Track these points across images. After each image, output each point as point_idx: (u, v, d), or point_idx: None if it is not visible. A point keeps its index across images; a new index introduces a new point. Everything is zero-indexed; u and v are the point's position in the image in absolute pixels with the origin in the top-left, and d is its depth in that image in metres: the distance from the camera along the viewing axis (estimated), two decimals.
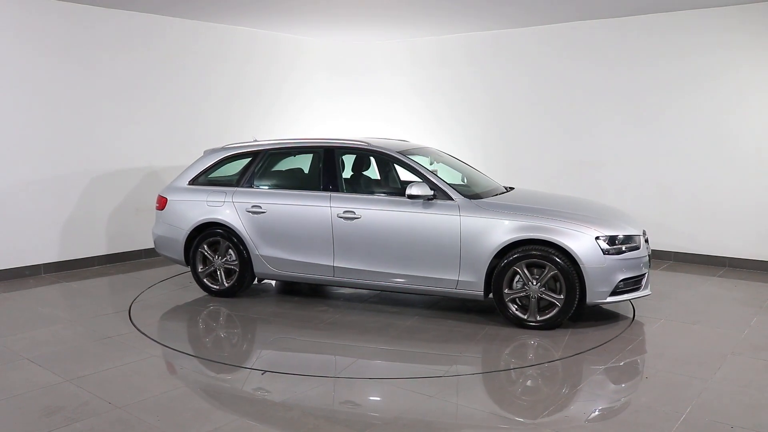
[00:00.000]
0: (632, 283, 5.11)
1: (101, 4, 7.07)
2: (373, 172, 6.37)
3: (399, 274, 5.44)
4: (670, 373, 4.26)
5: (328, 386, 4.09)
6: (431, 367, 4.44)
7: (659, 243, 7.60)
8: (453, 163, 6.37)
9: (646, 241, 5.37)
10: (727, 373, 4.25)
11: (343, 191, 5.73)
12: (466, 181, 6.10)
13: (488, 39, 8.87)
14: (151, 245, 7.92)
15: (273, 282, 6.71)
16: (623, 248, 5.02)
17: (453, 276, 5.24)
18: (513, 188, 6.19)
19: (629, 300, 5.37)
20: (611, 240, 5.00)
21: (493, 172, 7.94)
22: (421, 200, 5.34)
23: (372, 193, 5.83)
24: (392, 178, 6.58)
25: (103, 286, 6.72)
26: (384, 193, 5.86)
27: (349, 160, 6.17)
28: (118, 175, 7.62)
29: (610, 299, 5.01)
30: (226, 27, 8.50)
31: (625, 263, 5.01)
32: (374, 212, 5.50)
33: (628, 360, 4.51)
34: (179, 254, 6.23)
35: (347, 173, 6.16)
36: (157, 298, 6.20)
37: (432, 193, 5.31)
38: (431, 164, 6.11)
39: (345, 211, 5.57)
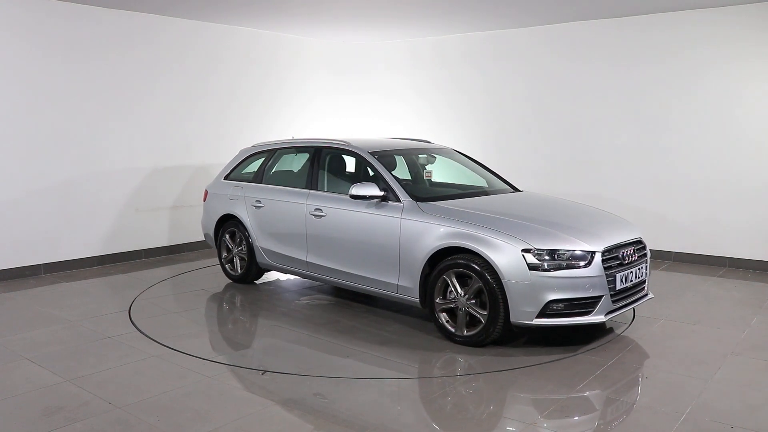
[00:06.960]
0: (575, 306, 4.41)
1: (102, 4, 7.07)
2: (403, 171, 6.16)
3: (352, 274, 5.43)
4: (670, 373, 4.26)
5: (329, 386, 4.09)
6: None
7: (659, 243, 7.61)
8: (468, 163, 6.30)
9: (625, 256, 4.69)
10: (727, 373, 4.25)
11: (323, 190, 5.82)
12: (486, 183, 6.04)
13: (487, 39, 8.87)
14: (151, 245, 8.03)
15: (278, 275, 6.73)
16: (563, 264, 4.37)
17: (393, 280, 5.11)
18: (520, 191, 6.04)
19: (572, 325, 4.53)
20: (547, 254, 4.39)
21: None
22: (368, 200, 5.24)
23: (345, 192, 5.62)
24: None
25: (103, 286, 6.72)
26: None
27: (351, 160, 6.16)
28: (119, 174, 7.62)
29: (537, 321, 4.37)
30: (227, 27, 8.50)
31: (558, 282, 4.34)
32: (336, 211, 5.54)
33: (628, 360, 4.51)
34: (213, 242, 6.87)
35: (354, 173, 6.14)
36: (157, 298, 6.20)
37: (382, 194, 5.18)
38: (426, 165, 6.10)
39: (315, 209, 5.70)
